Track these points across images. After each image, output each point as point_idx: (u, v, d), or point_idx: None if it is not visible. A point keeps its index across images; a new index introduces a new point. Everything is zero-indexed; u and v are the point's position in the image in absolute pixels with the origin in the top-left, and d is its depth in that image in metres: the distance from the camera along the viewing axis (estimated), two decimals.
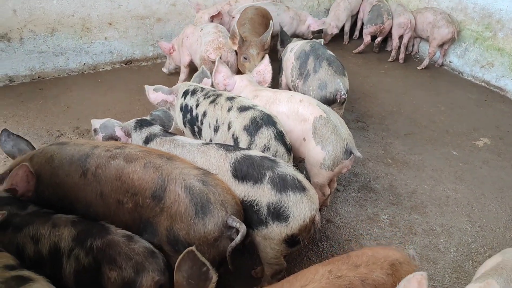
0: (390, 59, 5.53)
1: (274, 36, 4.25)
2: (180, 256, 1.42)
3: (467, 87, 5.10)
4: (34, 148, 2.27)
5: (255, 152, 2.14)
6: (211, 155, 2.12)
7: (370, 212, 3.01)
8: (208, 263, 1.44)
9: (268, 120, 2.36)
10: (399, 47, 5.49)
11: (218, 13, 4.36)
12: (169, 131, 2.48)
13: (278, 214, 1.93)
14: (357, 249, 2.65)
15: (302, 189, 1.98)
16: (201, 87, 2.79)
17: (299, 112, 2.59)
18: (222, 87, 3.00)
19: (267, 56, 3.11)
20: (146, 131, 2.35)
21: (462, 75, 5.36)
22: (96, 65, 4.55)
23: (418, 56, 5.86)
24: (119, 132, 2.38)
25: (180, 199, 1.80)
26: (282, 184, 1.95)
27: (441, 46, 5.28)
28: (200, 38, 3.70)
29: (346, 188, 3.22)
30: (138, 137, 2.35)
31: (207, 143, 2.23)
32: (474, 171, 3.56)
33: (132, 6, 4.43)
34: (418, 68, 5.41)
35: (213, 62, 3.48)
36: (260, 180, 1.97)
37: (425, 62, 5.37)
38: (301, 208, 1.94)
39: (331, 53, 3.43)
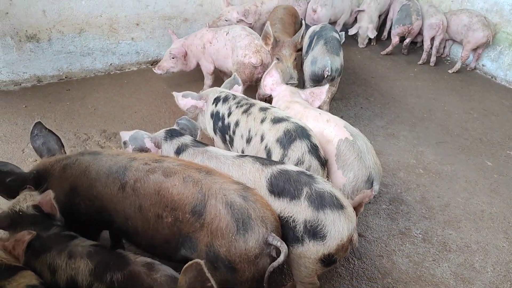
0: (420, 62, 5.38)
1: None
2: (188, 264, 1.40)
3: (501, 92, 4.92)
4: (63, 147, 2.24)
5: (291, 167, 2.06)
6: (247, 169, 2.06)
7: (402, 226, 2.92)
8: (213, 281, 1.40)
9: (302, 133, 2.28)
10: (430, 49, 5.33)
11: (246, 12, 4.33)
12: (198, 140, 2.43)
13: (315, 232, 1.86)
14: (389, 265, 2.58)
15: (340, 207, 1.89)
16: (233, 94, 2.73)
17: (324, 132, 2.47)
18: (268, 91, 2.97)
19: (326, 85, 2.97)
20: (177, 142, 2.30)
21: (496, 79, 5.17)
22: (123, 66, 4.54)
23: (449, 58, 5.68)
24: (148, 144, 2.35)
25: (221, 215, 1.75)
26: (320, 201, 1.88)
27: (474, 49, 5.09)
28: (229, 42, 3.63)
29: (377, 200, 3.13)
30: (169, 148, 2.30)
31: (242, 156, 2.17)
32: (510, 184, 3.42)
33: (160, 6, 4.39)
34: (449, 71, 5.25)
35: (254, 66, 3.48)
36: (297, 197, 1.90)
37: (457, 66, 5.20)
38: (339, 227, 1.86)
39: (336, 35, 3.58)
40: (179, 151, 2.27)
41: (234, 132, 2.56)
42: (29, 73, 4.07)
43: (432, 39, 5.24)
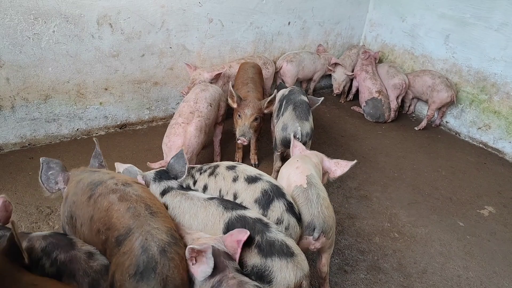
0: (389, 120, 5.51)
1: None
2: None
3: (466, 148, 5.08)
4: (66, 169, 2.38)
5: (251, 213, 2.15)
6: (210, 212, 2.21)
7: None
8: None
9: (278, 192, 2.34)
10: (400, 108, 5.58)
11: (219, 73, 4.38)
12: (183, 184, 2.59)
13: (262, 277, 1.94)
14: None
15: (290, 254, 1.98)
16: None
17: (289, 176, 2.66)
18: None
19: (354, 161, 2.96)
20: (165, 184, 2.46)
21: (459, 135, 5.36)
22: (90, 130, 4.42)
23: (414, 115, 5.88)
24: (140, 180, 2.45)
25: (131, 253, 1.79)
26: (269, 249, 1.97)
27: (439, 108, 5.30)
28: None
29: (354, 269, 3.05)
30: (156, 189, 2.45)
31: (211, 198, 2.30)
32: (483, 245, 3.44)
33: (129, 71, 4.37)
34: (416, 128, 5.41)
35: None
36: (247, 243, 1.97)
37: (423, 124, 5.37)
38: (285, 274, 1.94)
39: (304, 98, 3.62)
40: (164, 192, 2.42)
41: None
42: None
43: (397, 97, 5.43)
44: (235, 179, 2.47)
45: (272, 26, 5.30)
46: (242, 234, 1.94)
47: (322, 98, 3.87)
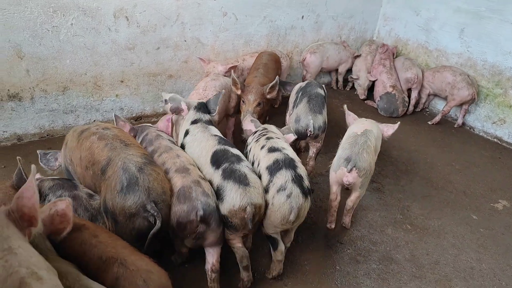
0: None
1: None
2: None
3: (480, 143, 5.04)
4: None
5: (233, 150, 2.65)
6: (209, 143, 2.72)
7: (393, 287, 2.86)
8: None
9: (289, 164, 2.59)
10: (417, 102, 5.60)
11: (234, 66, 4.45)
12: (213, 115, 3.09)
13: (218, 194, 2.41)
14: None
15: (245, 184, 2.38)
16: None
17: (352, 127, 3.34)
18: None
19: (395, 126, 3.44)
20: (199, 115, 2.98)
21: (474, 130, 5.32)
22: (106, 122, 4.49)
23: (428, 110, 5.84)
24: (183, 106, 3.05)
25: (115, 175, 2.20)
26: (229, 174, 2.43)
27: (459, 106, 5.25)
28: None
29: (366, 259, 3.08)
30: (191, 116, 2.99)
31: (214, 135, 2.79)
32: (497, 238, 3.43)
33: (145, 63, 4.44)
34: (429, 123, 5.38)
35: None
36: (218, 168, 2.50)
37: (437, 118, 5.34)
38: (233, 196, 2.35)
39: (320, 91, 3.65)
40: (195, 121, 2.95)
41: (247, 153, 2.98)
42: (9, 132, 3.99)
43: (408, 90, 5.42)
44: (262, 147, 2.78)
45: (286, 19, 5.32)
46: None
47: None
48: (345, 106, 3.65)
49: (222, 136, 2.84)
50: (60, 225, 1.69)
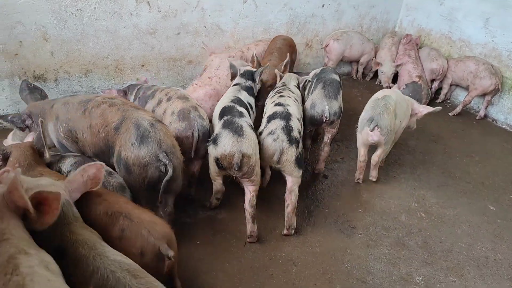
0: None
1: None
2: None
3: (502, 135, 4.93)
4: (47, 96, 3.36)
5: (240, 108, 3.04)
6: (227, 97, 3.24)
7: (403, 272, 2.85)
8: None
9: (284, 116, 3.02)
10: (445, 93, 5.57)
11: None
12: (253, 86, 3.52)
13: (215, 139, 2.80)
14: None
15: (239, 134, 2.75)
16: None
17: (377, 93, 3.80)
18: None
19: (431, 108, 3.78)
20: (241, 80, 3.47)
21: (496, 122, 5.21)
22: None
23: (449, 101, 5.74)
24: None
25: (129, 130, 2.45)
26: (227, 125, 2.82)
27: (482, 96, 5.14)
28: None
29: (377, 244, 3.08)
30: (237, 79, 3.51)
31: (235, 97, 3.22)
32: None
33: (165, 48, 4.52)
34: (450, 114, 5.29)
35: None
36: (220, 119, 2.93)
37: (458, 109, 5.24)
38: (227, 142, 2.72)
39: (335, 77, 3.66)
40: (235, 85, 3.45)
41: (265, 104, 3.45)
42: None
43: (432, 81, 5.33)
44: (272, 102, 3.25)
45: (306, 8, 5.30)
46: None
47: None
48: (326, 109, 3.56)
49: (242, 99, 3.22)
50: (93, 186, 1.98)
